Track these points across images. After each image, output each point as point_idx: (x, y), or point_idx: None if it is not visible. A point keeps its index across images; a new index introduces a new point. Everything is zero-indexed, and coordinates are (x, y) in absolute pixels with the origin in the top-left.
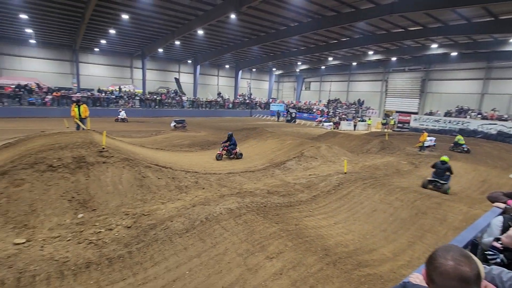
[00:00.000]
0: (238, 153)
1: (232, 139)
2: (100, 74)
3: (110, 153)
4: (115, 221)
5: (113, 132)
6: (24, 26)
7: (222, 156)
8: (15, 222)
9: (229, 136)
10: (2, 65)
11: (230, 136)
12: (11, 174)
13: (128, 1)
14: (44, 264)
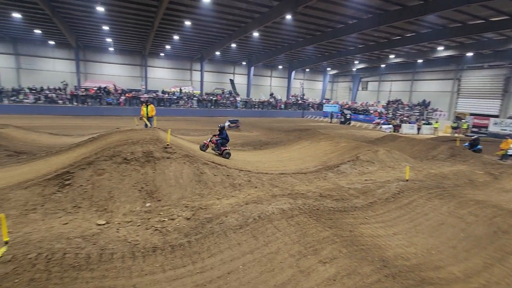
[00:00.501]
0: (226, 151)
1: (224, 133)
2: (164, 76)
3: (173, 150)
4: (177, 212)
5: (174, 130)
6: (105, 36)
7: (206, 147)
8: (98, 205)
9: (221, 129)
10: (88, 70)
11: (221, 129)
12: (95, 164)
13: (191, 8)
14: (119, 244)
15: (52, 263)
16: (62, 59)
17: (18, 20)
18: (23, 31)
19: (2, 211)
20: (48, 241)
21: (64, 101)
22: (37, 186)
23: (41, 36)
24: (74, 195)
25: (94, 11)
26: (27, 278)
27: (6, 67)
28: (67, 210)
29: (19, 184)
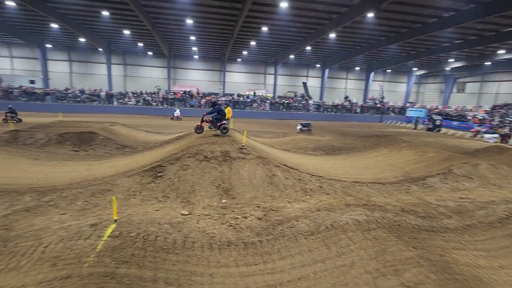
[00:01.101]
0: (222, 126)
1: (216, 107)
2: (239, 80)
3: (248, 151)
4: (249, 211)
5: (247, 131)
6: (191, 45)
7: (202, 129)
8: (182, 197)
9: (213, 103)
10: (176, 76)
11: (213, 104)
12: (181, 160)
13: (269, 14)
14: (199, 234)
15: (147, 243)
16: (157, 67)
17: (127, 35)
18: (130, 44)
19: (113, 194)
20: (144, 224)
21: (157, 103)
22: (137, 176)
23: (142, 48)
24: (164, 186)
25: (184, 24)
26: (129, 253)
27: (117, 75)
28: (159, 198)
29: (124, 172)
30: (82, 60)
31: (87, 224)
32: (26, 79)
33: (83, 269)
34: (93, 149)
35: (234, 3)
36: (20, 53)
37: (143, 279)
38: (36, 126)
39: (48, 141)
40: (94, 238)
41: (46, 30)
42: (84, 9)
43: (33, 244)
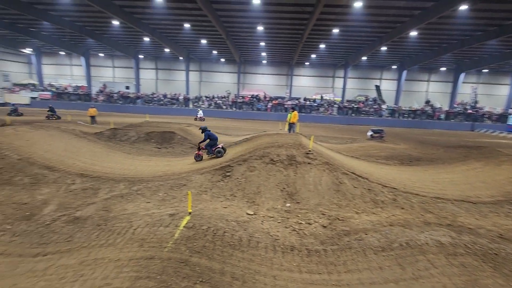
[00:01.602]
0: (217, 150)
1: (205, 134)
2: (306, 84)
3: (314, 156)
4: (314, 217)
5: (313, 136)
6: (260, 51)
7: (201, 157)
8: (248, 197)
9: (202, 130)
10: (245, 81)
11: (203, 131)
12: (249, 162)
13: (341, 16)
14: (263, 235)
15: (216, 237)
16: (228, 73)
17: (204, 44)
18: (205, 53)
19: (188, 188)
20: (214, 219)
21: (227, 106)
22: (208, 174)
23: (216, 55)
24: (232, 185)
25: (255, 31)
26: (201, 244)
27: (193, 80)
28: (227, 196)
29: (197, 170)
30: (165, 68)
31: (167, 214)
32: (123, 85)
33: (163, 253)
34: (172, 147)
35: (305, 7)
36: (120, 64)
37: (212, 270)
38: (129, 126)
39: (138, 138)
40: (172, 227)
41: (139, 43)
42: (171, 23)
43: (125, 225)
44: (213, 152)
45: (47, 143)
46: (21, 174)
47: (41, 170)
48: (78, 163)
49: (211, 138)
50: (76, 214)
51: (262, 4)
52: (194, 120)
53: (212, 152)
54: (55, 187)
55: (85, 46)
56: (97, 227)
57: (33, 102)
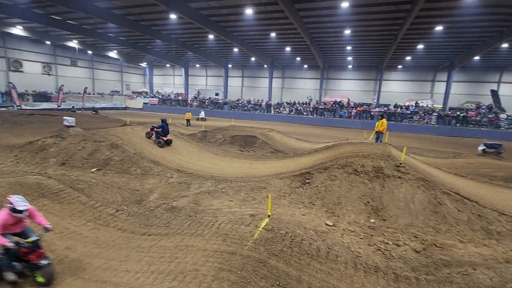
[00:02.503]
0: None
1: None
2: (398, 89)
3: (406, 170)
4: (403, 239)
5: (409, 148)
6: (346, 55)
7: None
8: (327, 207)
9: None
10: (328, 87)
11: (162, 121)
12: (329, 170)
13: (446, 10)
14: (343, 249)
15: (294, 243)
16: (311, 79)
17: (288, 52)
18: (289, 59)
19: (267, 192)
20: (292, 225)
21: (307, 113)
22: (287, 179)
23: (299, 62)
24: (311, 193)
25: (341, 35)
26: (278, 248)
27: (276, 87)
28: (305, 204)
29: (277, 174)
30: (250, 76)
31: (248, 214)
32: (213, 92)
33: (244, 251)
34: (253, 151)
35: (401, 5)
36: (211, 73)
37: (289, 276)
38: (217, 129)
39: (224, 141)
40: (252, 227)
41: (229, 53)
42: (258, 33)
43: (211, 220)
44: (158, 141)
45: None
46: (135, 166)
47: (149, 163)
48: (176, 160)
49: (163, 129)
50: (173, 204)
51: (350, 6)
52: (196, 120)
53: (158, 141)
54: (158, 179)
55: (185, 59)
56: (189, 218)
57: (145, 106)
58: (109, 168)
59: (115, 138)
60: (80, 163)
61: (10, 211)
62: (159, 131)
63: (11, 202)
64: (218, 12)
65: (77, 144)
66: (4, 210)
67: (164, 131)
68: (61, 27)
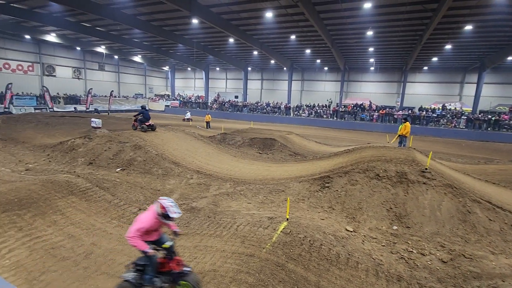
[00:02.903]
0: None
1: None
2: (423, 92)
3: (432, 176)
4: (428, 248)
5: (436, 152)
6: (368, 57)
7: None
8: (348, 212)
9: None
10: (349, 89)
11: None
12: (350, 174)
13: (476, 9)
14: (364, 256)
15: (313, 248)
16: (331, 81)
17: (307, 54)
18: (309, 62)
19: (285, 195)
20: (311, 229)
21: (327, 116)
22: (306, 183)
23: (319, 64)
24: (331, 197)
25: (363, 36)
26: (297, 252)
27: (295, 89)
28: (324, 208)
29: (296, 177)
30: (269, 79)
31: (266, 216)
32: (232, 95)
33: (262, 253)
34: (272, 153)
35: (427, 5)
36: (231, 76)
37: (308, 281)
38: (236, 131)
39: (243, 143)
40: (270, 230)
41: (249, 56)
42: (277, 36)
43: (230, 221)
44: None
45: (175, 143)
46: (157, 166)
47: (170, 164)
48: (195, 161)
49: (144, 115)
50: (192, 204)
51: (373, 7)
52: (182, 121)
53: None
54: (178, 180)
55: (206, 62)
56: (208, 218)
57: (166, 109)
58: (132, 168)
59: (138, 139)
60: (106, 163)
61: (159, 216)
62: (141, 118)
63: (164, 207)
64: (239, 16)
65: (103, 145)
66: (151, 213)
67: (145, 116)
68: (91, 34)
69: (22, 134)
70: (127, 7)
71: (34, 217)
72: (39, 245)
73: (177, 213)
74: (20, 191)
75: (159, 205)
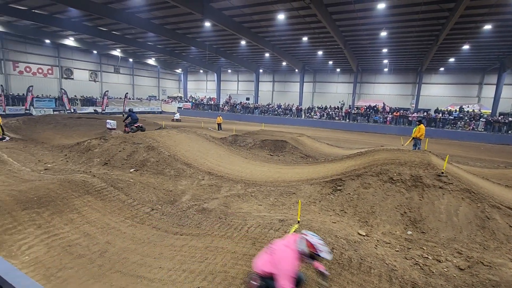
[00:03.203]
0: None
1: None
2: (439, 93)
3: (449, 180)
4: (445, 254)
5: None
6: (381, 58)
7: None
8: (360, 216)
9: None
10: (361, 91)
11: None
12: (363, 177)
13: (496, 8)
14: (377, 261)
15: None
16: (343, 83)
17: (319, 55)
18: (321, 63)
19: (297, 197)
20: (322, 232)
21: (339, 118)
22: (318, 185)
23: (331, 66)
24: (343, 200)
25: (377, 37)
26: None
27: (306, 91)
28: (336, 211)
29: (307, 180)
30: (281, 80)
31: (277, 219)
32: (244, 97)
33: None
34: (283, 155)
35: (444, 4)
36: (243, 78)
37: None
38: (247, 133)
39: (254, 145)
40: (281, 232)
41: (261, 58)
42: (289, 37)
43: (240, 223)
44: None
45: (187, 144)
46: (169, 167)
47: (182, 165)
48: (207, 162)
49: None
50: (203, 206)
51: (387, 8)
52: (171, 121)
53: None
54: (190, 181)
55: (218, 64)
56: (219, 220)
57: (179, 110)
58: (145, 169)
59: (152, 140)
60: (120, 164)
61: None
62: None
63: (314, 246)
64: (251, 18)
65: (118, 146)
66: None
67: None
68: (107, 37)
69: (41, 134)
70: (142, 12)
71: (52, 215)
72: (57, 243)
73: (328, 255)
74: (39, 190)
75: (305, 242)
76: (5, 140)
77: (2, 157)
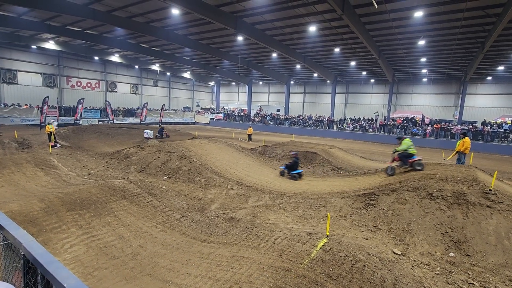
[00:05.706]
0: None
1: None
2: (487, 105)
3: (498, 198)
4: (494, 281)
5: (498, 172)
6: (420, 68)
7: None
8: (395, 233)
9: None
10: (398, 102)
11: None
12: (398, 192)
13: None
14: (413, 284)
15: (354, 269)
16: (378, 94)
17: (352, 66)
18: (354, 74)
19: (326, 210)
20: (353, 248)
21: (373, 129)
22: (349, 199)
23: (365, 76)
24: (376, 216)
25: (414, 46)
26: (337, 271)
27: (338, 102)
28: (368, 227)
29: (337, 193)
30: (312, 92)
31: (305, 231)
32: (274, 108)
33: (299, 269)
34: (313, 167)
35: (489, 9)
36: (274, 89)
37: None
38: (277, 144)
39: (283, 156)
40: (309, 245)
41: (291, 70)
42: (321, 49)
43: (267, 234)
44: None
45: (217, 154)
46: (200, 176)
47: (212, 174)
48: (236, 172)
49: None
50: (232, 215)
51: (425, 16)
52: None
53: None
54: (219, 190)
55: (249, 77)
56: (246, 229)
57: (211, 121)
58: (177, 176)
59: (184, 149)
60: (155, 171)
61: None
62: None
63: None
64: (282, 31)
65: (153, 154)
66: None
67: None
68: (147, 53)
69: (87, 142)
70: (179, 28)
71: (92, 217)
72: (95, 243)
73: None
74: (82, 193)
75: None
76: (57, 147)
77: (53, 162)
